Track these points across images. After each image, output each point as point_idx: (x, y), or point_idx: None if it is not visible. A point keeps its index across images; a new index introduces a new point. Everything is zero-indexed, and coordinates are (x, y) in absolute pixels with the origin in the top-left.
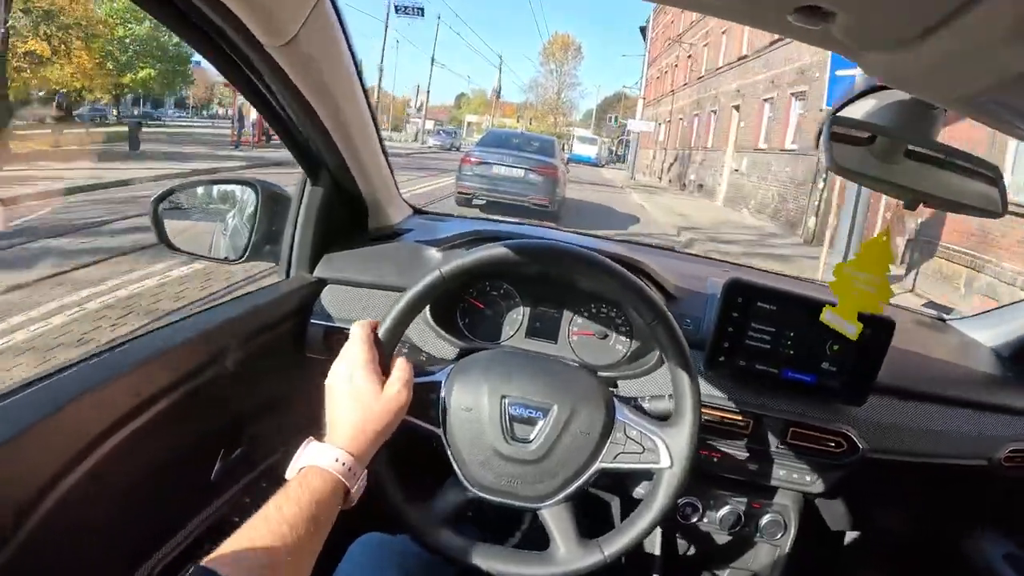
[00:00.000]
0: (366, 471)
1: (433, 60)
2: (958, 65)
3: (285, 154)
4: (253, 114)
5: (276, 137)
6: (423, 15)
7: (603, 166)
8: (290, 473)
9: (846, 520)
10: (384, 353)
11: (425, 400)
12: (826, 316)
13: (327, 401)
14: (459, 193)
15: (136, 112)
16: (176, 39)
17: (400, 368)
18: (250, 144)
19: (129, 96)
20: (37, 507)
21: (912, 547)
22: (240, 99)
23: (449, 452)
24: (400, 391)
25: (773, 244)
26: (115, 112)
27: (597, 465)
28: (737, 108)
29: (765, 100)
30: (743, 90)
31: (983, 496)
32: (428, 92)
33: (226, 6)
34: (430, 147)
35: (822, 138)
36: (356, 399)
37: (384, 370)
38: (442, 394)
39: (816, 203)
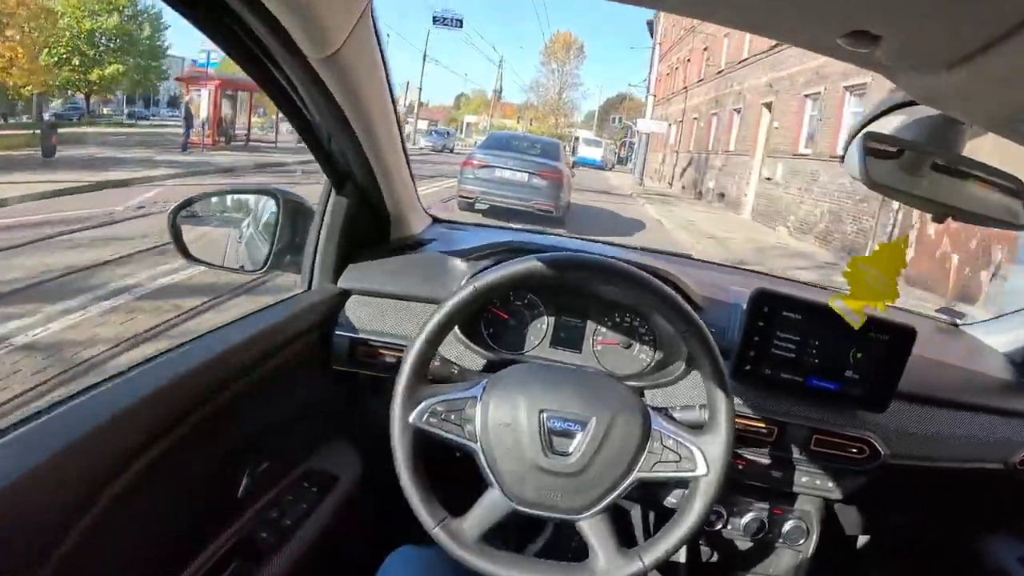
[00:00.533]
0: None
1: (425, 57)
2: (996, 89)
3: (237, 158)
4: (204, 112)
5: (237, 139)
6: (462, 26)
7: (609, 169)
8: None
9: (864, 524)
10: (416, 383)
11: (461, 416)
12: (835, 303)
13: None
14: (460, 197)
15: (128, 110)
16: (147, 32)
17: None
18: (200, 146)
19: (122, 94)
20: (69, 531)
21: (929, 550)
22: (191, 95)
23: (487, 467)
24: None
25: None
26: (104, 111)
27: (635, 475)
28: (768, 106)
29: (807, 96)
30: (776, 85)
31: (998, 500)
32: (420, 89)
33: (275, 18)
34: (420, 148)
35: (855, 152)
36: None
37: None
38: (478, 409)
39: (890, 226)
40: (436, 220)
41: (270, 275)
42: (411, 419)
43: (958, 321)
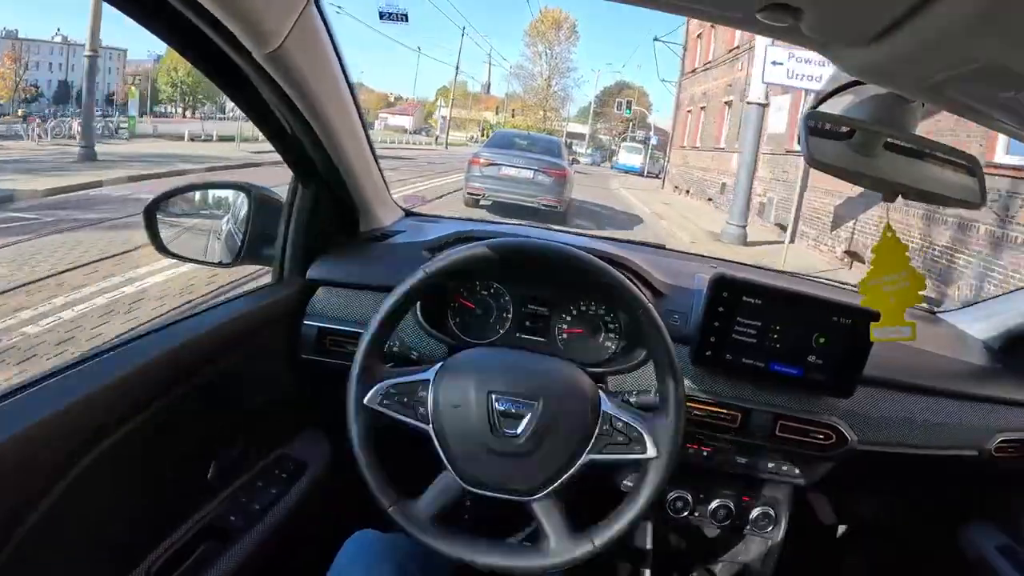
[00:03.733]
0: None
1: (420, 51)
2: (926, 57)
3: None
4: None
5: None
6: (407, 20)
7: (646, 175)
8: None
9: (838, 512)
10: (372, 363)
11: (414, 398)
12: (875, 334)
13: None
14: (468, 194)
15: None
16: None
17: None
18: None
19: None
20: (35, 507)
21: (905, 538)
22: None
23: (439, 448)
24: None
25: None
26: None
27: (585, 456)
28: None
29: None
30: None
31: (975, 487)
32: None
33: (213, 16)
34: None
35: (799, 133)
36: None
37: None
38: (430, 391)
39: None
40: (409, 213)
41: (263, 270)
42: (366, 400)
43: (936, 309)
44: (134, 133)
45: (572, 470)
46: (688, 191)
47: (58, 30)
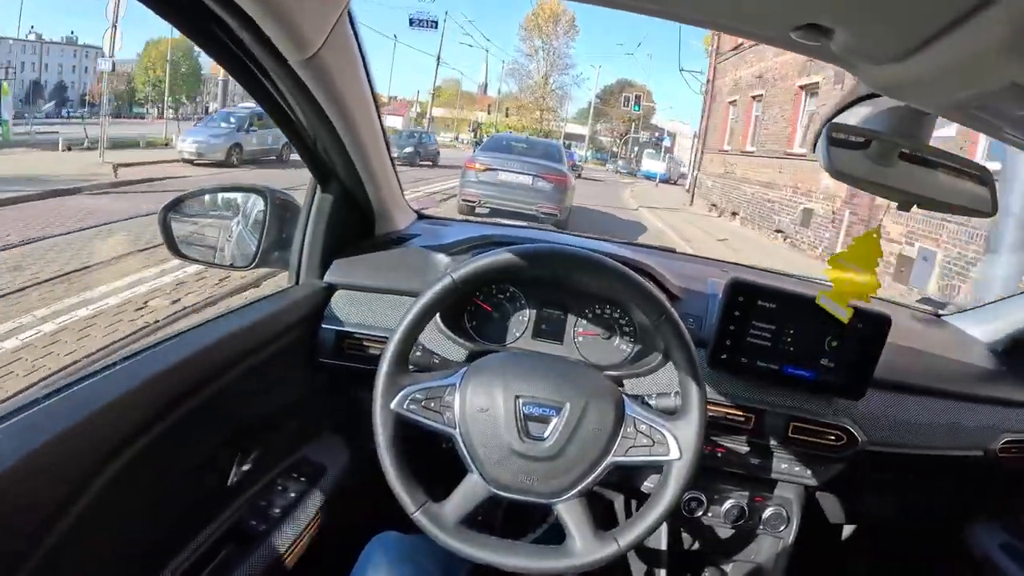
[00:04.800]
0: None
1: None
2: (950, 77)
3: None
4: None
5: None
6: (436, 27)
7: (673, 182)
8: None
9: (847, 512)
10: (396, 373)
11: (441, 403)
12: (821, 300)
13: None
14: (463, 201)
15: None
16: None
17: None
18: None
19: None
20: (62, 516)
21: (911, 537)
22: None
23: (466, 452)
24: None
25: None
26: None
27: (610, 459)
28: None
29: None
30: None
31: (980, 487)
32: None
33: (254, 22)
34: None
35: (819, 143)
36: None
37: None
38: (457, 396)
39: None
40: (421, 216)
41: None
42: (392, 405)
43: (940, 311)
44: (7, 140)
45: (597, 472)
46: (735, 214)
47: (31, 27)
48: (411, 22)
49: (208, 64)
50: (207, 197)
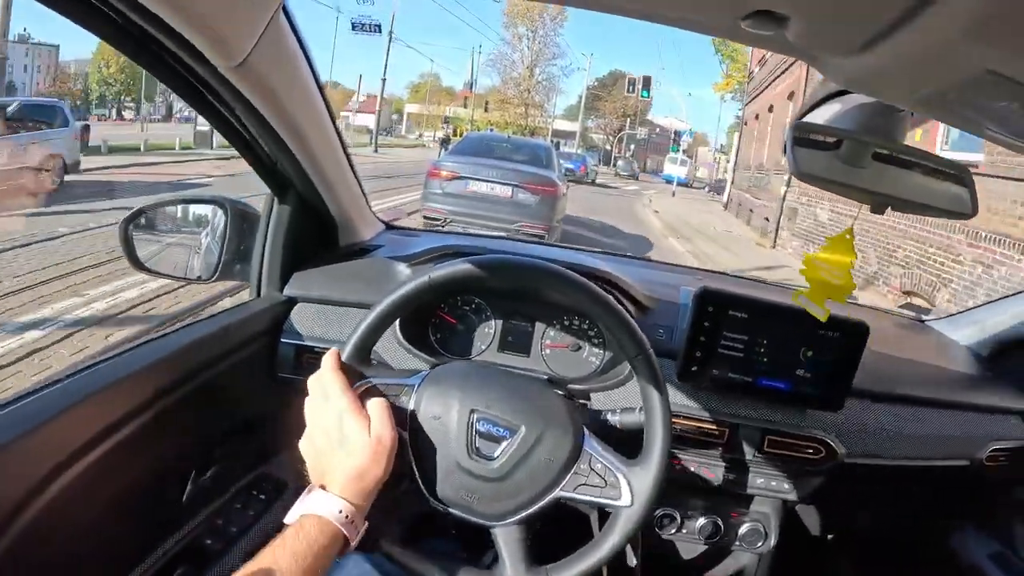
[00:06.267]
0: (366, 522)
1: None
2: (914, 67)
3: None
4: None
5: None
6: (380, 31)
7: (692, 186)
8: (290, 519)
9: (828, 525)
10: (357, 364)
11: (397, 400)
12: (799, 299)
13: (310, 445)
14: (425, 218)
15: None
16: None
17: (380, 408)
18: None
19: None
20: (5, 530)
21: (896, 549)
22: None
23: (412, 459)
24: (386, 431)
25: None
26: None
27: (556, 493)
28: None
29: None
30: None
31: (967, 496)
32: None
33: (176, 31)
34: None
35: (787, 145)
36: (348, 445)
37: (357, 378)
38: (413, 398)
39: None
40: (389, 227)
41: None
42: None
43: (924, 317)
44: None
45: (542, 503)
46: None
47: None
48: (353, 26)
49: None
50: (169, 209)
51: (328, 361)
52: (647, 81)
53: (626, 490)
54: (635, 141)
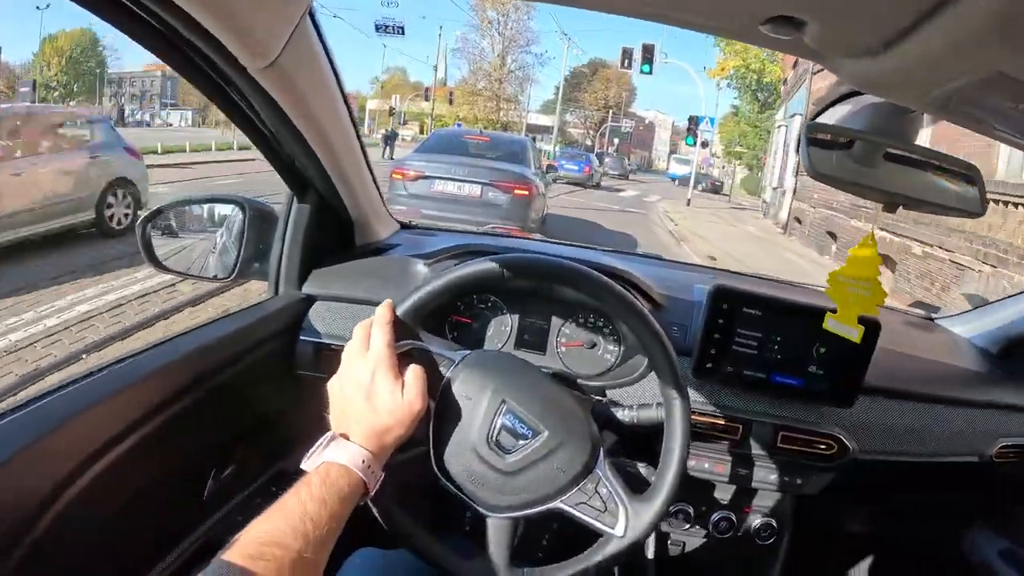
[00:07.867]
0: (383, 472)
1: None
2: (928, 69)
3: None
4: None
5: None
6: (403, 33)
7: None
8: (309, 465)
9: (840, 521)
10: (408, 327)
11: (432, 374)
12: (829, 324)
13: (339, 392)
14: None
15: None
16: None
17: (416, 375)
18: None
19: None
20: (30, 530)
21: (908, 545)
22: None
23: (431, 427)
24: (417, 399)
25: None
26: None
27: (556, 504)
28: None
29: None
30: None
31: (976, 493)
32: None
33: (207, 31)
34: None
35: (800, 144)
36: (376, 401)
37: (402, 336)
38: (451, 372)
39: None
40: (405, 226)
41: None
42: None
43: (933, 315)
44: None
45: (538, 508)
46: None
47: None
48: (377, 28)
49: (116, 63)
50: (189, 208)
51: (382, 312)
52: (648, 51)
53: (622, 522)
54: (619, 135)
